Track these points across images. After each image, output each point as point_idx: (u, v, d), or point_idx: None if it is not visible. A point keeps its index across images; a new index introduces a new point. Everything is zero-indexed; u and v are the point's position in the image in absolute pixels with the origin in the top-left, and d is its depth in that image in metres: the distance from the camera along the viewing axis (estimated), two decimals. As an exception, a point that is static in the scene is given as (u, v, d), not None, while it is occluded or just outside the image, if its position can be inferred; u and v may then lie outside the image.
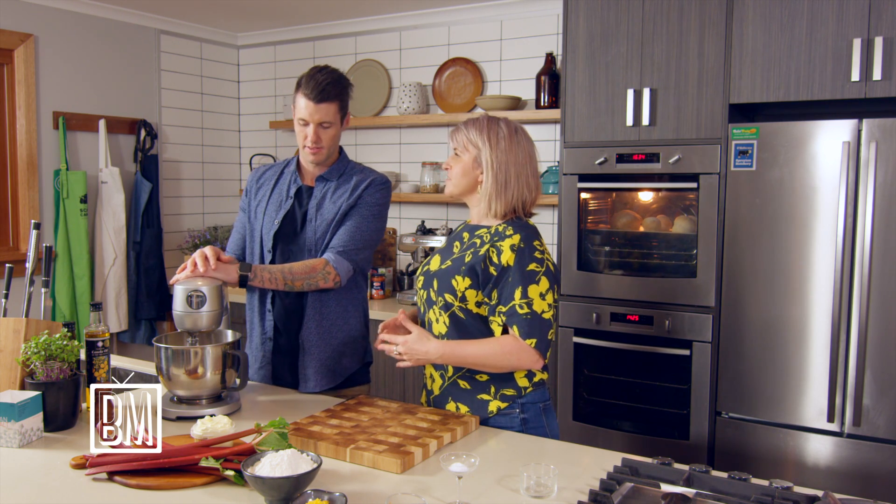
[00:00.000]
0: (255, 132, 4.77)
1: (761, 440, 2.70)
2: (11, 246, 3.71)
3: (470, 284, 1.79)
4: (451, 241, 1.95)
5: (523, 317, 1.74)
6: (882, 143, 2.45)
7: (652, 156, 2.86)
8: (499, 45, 3.85)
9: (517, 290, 1.74)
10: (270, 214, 2.16)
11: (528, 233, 1.81)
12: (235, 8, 4.01)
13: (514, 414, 1.83)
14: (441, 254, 1.93)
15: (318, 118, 2.07)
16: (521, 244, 1.76)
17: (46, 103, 3.74)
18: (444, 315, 1.83)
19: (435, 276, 1.86)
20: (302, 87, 2.07)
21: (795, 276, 2.61)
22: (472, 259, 1.80)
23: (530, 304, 1.74)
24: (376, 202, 2.14)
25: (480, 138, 1.84)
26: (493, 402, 1.83)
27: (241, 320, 3.98)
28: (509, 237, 1.78)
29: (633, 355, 2.94)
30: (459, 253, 1.86)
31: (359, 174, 2.17)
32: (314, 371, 2.13)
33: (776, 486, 1.37)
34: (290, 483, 1.31)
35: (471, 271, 1.79)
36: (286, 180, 2.21)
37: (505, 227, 1.81)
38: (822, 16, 2.57)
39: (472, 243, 1.85)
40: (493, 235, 1.81)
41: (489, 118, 1.88)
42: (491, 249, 1.78)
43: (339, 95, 2.10)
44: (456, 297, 1.80)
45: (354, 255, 2.08)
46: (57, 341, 1.76)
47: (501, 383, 1.83)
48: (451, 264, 1.85)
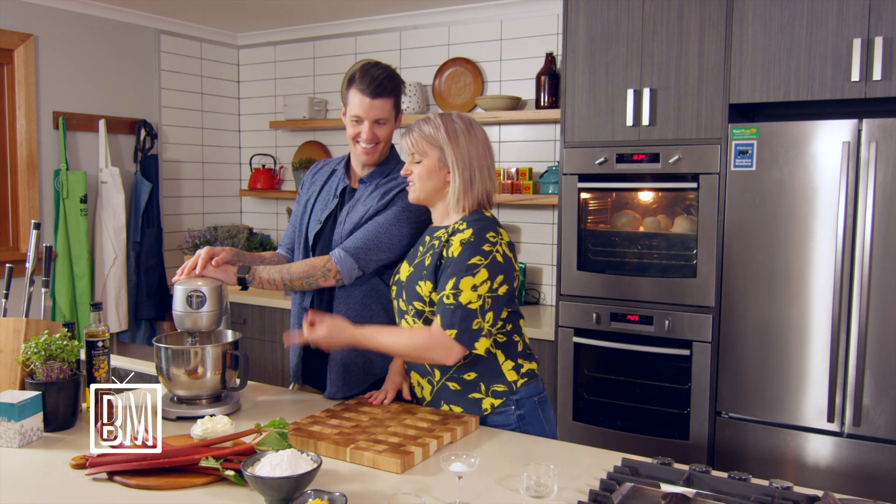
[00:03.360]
0: (255, 132, 4.77)
1: (761, 440, 2.70)
2: (11, 246, 3.71)
3: (432, 288, 1.77)
4: (417, 246, 1.92)
5: (447, 307, 1.71)
6: (882, 143, 2.45)
7: (652, 156, 2.86)
8: (499, 45, 3.85)
9: (450, 282, 1.72)
10: (317, 213, 2.12)
11: (483, 225, 1.77)
12: (235, 8, 4.02)
13: (510, 411, 1.82)
14: (408, 260, 1.90)
15: (374, 115, 1.99)
16: (471, 238, 1.74)
17: (46, 103, 3.74)
18: (417, 322, 1.81)
19: (403, 287, 1.85)
20: (356, 81, 1.98)
21: (795, 276, 2.61)
22: (432, 261, 1.79)
23: (457, 296, 1.70)
24: (406, 207, 2.01)
25: (440, 137, 1.79)
26: (485, 399, 1.82)
27: (240, 320, 3.98)
28: (461, 232, 1.76)
29: (632, 355, 2.94)
30: (420, 257, 1.84)
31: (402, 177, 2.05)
32: (338, 375, 2.07)
33: (776, 486, 1.37)
34: (290, 483, 1.31)
35: (431, 274, 1.77)
36: (336, 178, 2.15)
37: (460, 223, 1.79)
38: (821, 16, 2.57)
39: (432, 245, 1.83)
40: (450, 234, 1.79)
41: (441, 115, 1.84)
42: (445, 245, 1.77)
43: (394, 91, 2.02)
44: (424, 302, 1.78)
45: (363, 256, 1.98)
46: (57, 341, 1.76)
47: (490, 379, 1.81)
48: (413, 270, 1.83)
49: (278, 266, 1.99)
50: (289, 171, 4.64)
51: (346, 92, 2.04)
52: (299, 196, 2.25)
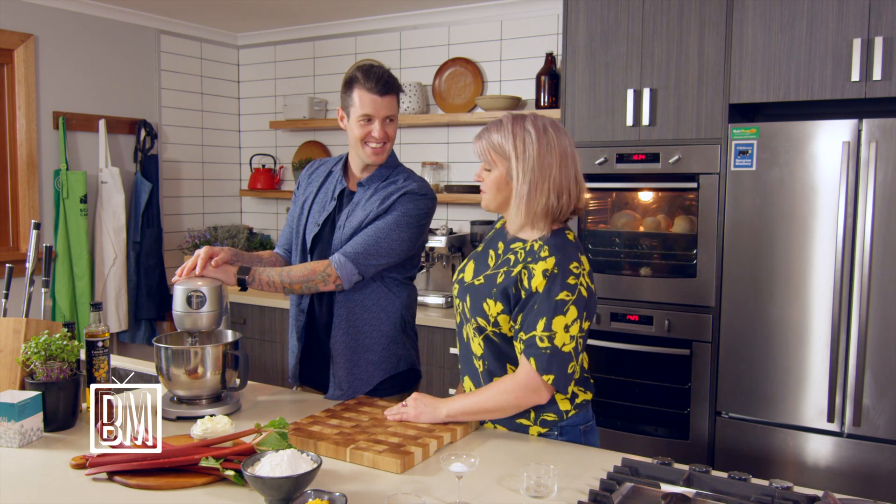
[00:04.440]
0: (255, 132, 4.77)
1: (761, 440, 2.70)
2: (11, 246, 3.71)
3: (502, 310, 1.69)
4: (487, 247, 1.83)
5: (542, 350, 1.63)
6: (882, 143, 2.45)
7: (652, 156, 2.86)
8: (499, 45, 3.85)
9: (541, 321, 1.63)
10: (314, 215, 2.11)
11: (566, 254, 1.66)
12: (235, 8, 4.01)
13: (552, 436, 1.76)
14: (475, 260, 1.82)
15: (385, 112, 1.98)
16: (554, 269, 1.63)
17: (46, 103, 3.74)
18: (478, 337, 1.76)
19: (468, 292, 1.77)
20: (361, 81, 1.96)
21: (795, 276, 2.61)
22: (505, 281, 1.69)
23: (552, 339, 1.62)
24: (407, 212, 1.99)
25: (507, 147, 1.68)
26: (532, 427, 1.76)
27: (240, 320, 3.98)
28: (543, 260, 1.64)
29: (633, 355, 2.94)
30: (493, 269, 1.74)
31: (401, 181, 2.06)
32: (342, 378, 2.07)
33: (776, 486, 1.37)
34: (290, 483, 1.31)
35: (502, 295, 1.68)
36: (333, 180, 2.13)
37: (541, 247, 1.67)
38: (822, 16, 2.57)
39: (507, 259, 1.73)
40: (528, 254, 1.68)
41: (514, 119, 1.72)
42: (523, 271, 1.66)
43: (398, 87, 2.02)
44: (488, 321, 1.71)
45: (363, 261, 1.96)
46: (57, 341, 1.76)
47: (542, 408, 1.73)
48: (483, 282, 1.74)
49: (278, 269, 1.98)
50: (289, 171, 4.64)
51: (349, 94, 2.00)
52: (295, 196, 2.23)
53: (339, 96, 2.07)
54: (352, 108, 2.00)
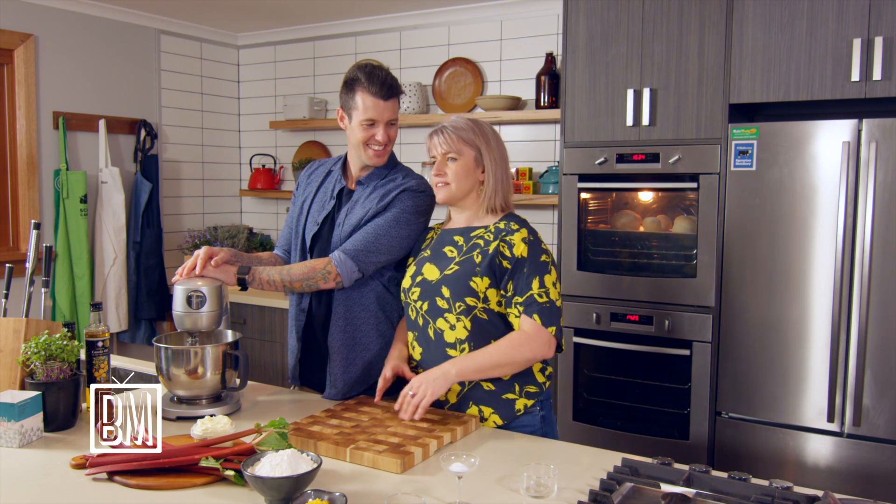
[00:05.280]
0: (255, 132, 4.77)
1: (761, 440, 2.70)
2: (11, 246, 3.71)
3: (490, 284, 1.79)
4: (438, 248, 1.90)
5: (543, 305, 1.76)
6: (882, 143, 2.45)
7: (652, 156, 2.86)
8: (499, 45, 3.85)
9: (535, 280, 1.77)
10: (314, 214, 2.11)
11: (529, 226, 1.85)
12: (235, 8, 4.02)
13: (536, 412, 1.85)
14: (432, 262, 1.88)
15: (388, 116, 1.99)
16: (530, 237, 1.80)
17: (46, 103, 3.74)
18: (464, 319, 1.81)
19: (442, 284, 1.82)
20: (364, 84, 1.96)
21: (795, 276, 2.61)
22: (484, 258, 1.79)
23: (547, 293, 1.77)
24: (406, 208, 2.01)
25: (477, 137, 1.85)
26: (518, 400, 1.83)
27: (240, 320, 3.98)
28: (517, 231, 1.80)
29: (633, 355, 2.94)
30: (463, 256, 1.83)
31: (400, 179, 2.06)
32: (338, 377, 2.06)
33: (776, 486, 1.37)
34: (290, 483, 1.31)
35: (488, 270, 1.78)
36: (333, 180, 2.14)
37: (507, 223, 1.83)
38: (822, 16, 2.57)
39: (475, 245, 1.83)
40: (499, 232, 1.82)
41: (472, 119, 1.90)
42: (501, 244, 1.79)
43: (400, 90, 2.03)
44: (478, 298, 1.79)
45: (363, 258, 1.96)
46: (57, 341, 1.76)
47: (524, 379, 1.83)
48: (458, 268, 1.81)
49: (278, 267, 1.98)
50: (289, 171, 4.64)
51: (351, 95, 1.99)
52: (295, 197, 2.23)
53: (339, 96, 2.06)
54: (354, 110, 2.00)
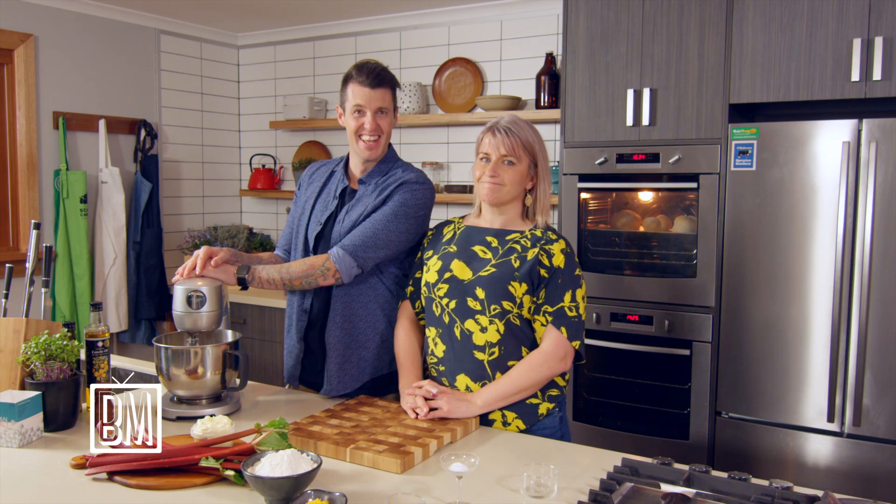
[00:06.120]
0: (255, 132, 4.77)
1: (761, 440, 2.70)
2: (11, 246, 3.71)
3: (527, 290, 1.79)
4: (466, 245, 1.88)
5: (572, 319, 1.79)
6: (882, 143, 2.45)
7: (652, 156, 2.86)
8: (499, 45, 3.85)
9: (567, 293, 1.79)
10: (317, 214, 2.11)
11: (565, 238, 1.87)
12: (235, 8, 4.02)
13: (556, 413, 1.87)
14: (462, 259, 1.86)
15: (376, 104, 2.00)
16: (567, 248, 1.83)
17: (46, 103, 3.74)
18: (497, 322, 1.80)
19: (477, 285, 1.81)
20: (354, 77, 2.01)
21: (795, 276, 2.61)
22: (523, 264, 1.79)
23: (577, 308, 1.80)
24: (404, 202, 2.00)
25: (535, 146, 1.84)
26: (542, 404, 1.84)
27: (240, 320, 3.98)
28: (556, 241, 1.83)
29: (633, 355, 2.94)
30: (499, 259, 1.82)
31: (399, 173, 2.06)
32: (334, 373, 2.06)
33: (776, 486, 1.37)
34: (290, 483, 1.31)
35: (527, 276, 1.79)
36: (335, 180, 2.14)
37: (545, 232, 1.85)
38: (822, 16, 2.57)
39: (512, 249, 1.83)
40: (537, 240, 1.83)
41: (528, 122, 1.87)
42: (541, 253, 1.80)
43: (392, 82, 2.05)
44: (514, 303, 1.79)
45: (362, 254, 1.95)
46: (57, 341, 1.76)
47: (547, 384, 1.85)
48: (495, 271, 1.81)
49: (277, 266, 1.99)
50: (289, 171, 4.64)
51: (344, 90, 2.05)
52: (296, 197, 2.23)
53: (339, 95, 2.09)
54: (346, 102, 2.04)
